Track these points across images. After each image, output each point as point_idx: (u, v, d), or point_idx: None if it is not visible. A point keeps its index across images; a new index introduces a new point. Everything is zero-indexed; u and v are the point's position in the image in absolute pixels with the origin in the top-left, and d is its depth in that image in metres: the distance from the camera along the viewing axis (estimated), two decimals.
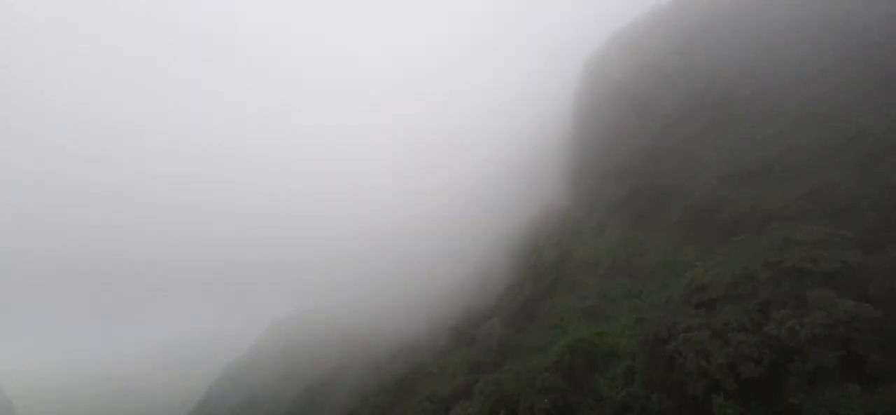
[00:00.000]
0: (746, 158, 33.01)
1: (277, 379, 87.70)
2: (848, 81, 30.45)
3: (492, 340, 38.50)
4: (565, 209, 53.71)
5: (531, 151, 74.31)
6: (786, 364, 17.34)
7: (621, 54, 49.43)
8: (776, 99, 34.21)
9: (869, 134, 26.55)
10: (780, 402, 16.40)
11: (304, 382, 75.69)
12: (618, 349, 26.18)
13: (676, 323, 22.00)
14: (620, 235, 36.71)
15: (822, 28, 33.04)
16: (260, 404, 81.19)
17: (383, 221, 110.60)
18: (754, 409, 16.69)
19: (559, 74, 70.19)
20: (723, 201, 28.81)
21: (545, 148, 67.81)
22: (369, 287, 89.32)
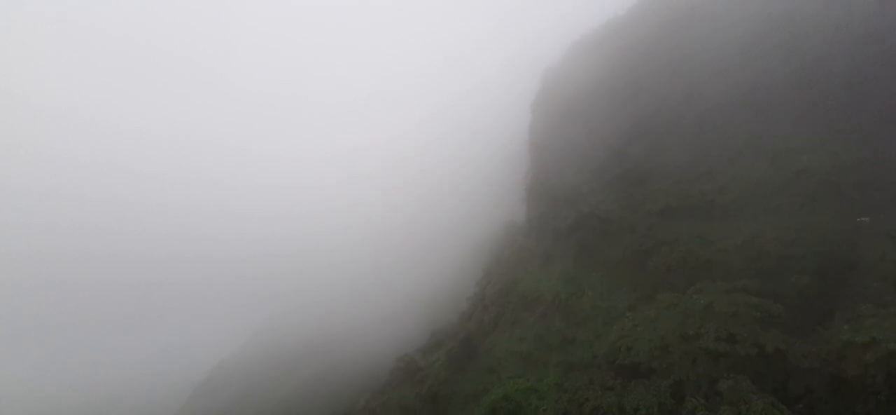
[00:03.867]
0: (690, 191, 30.79)
1: (258, 388, 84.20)
2: (795, 110, 28.33)
3: (428, 382, 35.85)
4: (522, 227, 51.41)
5: (498, 165, 71.97)
6: None
7: (575, 69, 47.08)
8: (724, 124, 32.01)
9: (811, 173, 24.39)
10: None
11: (278, 395, 72.27)
12: (540, 414, 23.62)
13: (586, 399, 19.58)
14: (563, 270, 34.35)
15: (772, 50, 30.80)
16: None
17: (363, 235, 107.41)
18: None
19: (522, 85, 67.79)
20: (659, 244, 26.48)
21: (509, 162, 65.47)
22: (346, 302, 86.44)
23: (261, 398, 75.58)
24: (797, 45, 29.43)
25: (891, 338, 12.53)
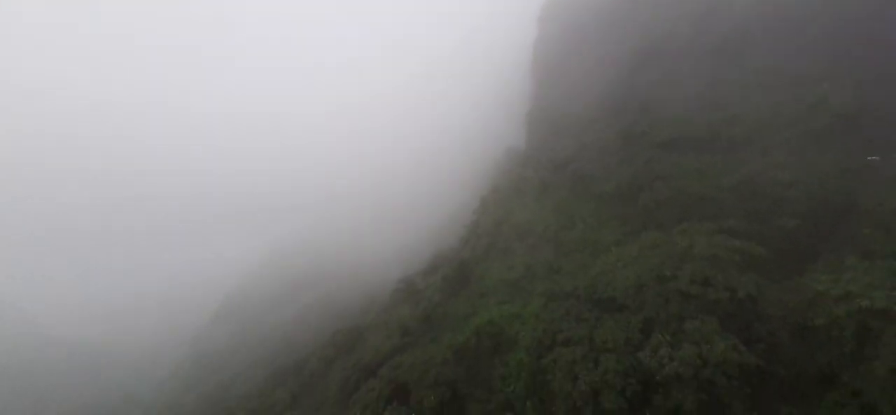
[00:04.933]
0: (697, 121, 28.98)
1: (268, 310, 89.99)
2: (821, 37, 25.19)
3: (424, 303, 37.76)
4: (521, 155, 50.17)
5: (502, 87, 68.43)
6: (649, 398, 15.75)
7: None
8: (741, 50, 29.00)
9: (830, 104, 22.35)
10: None
11: (289, 312, 76.78)
12: (519, 339, 24.89)
13: (560, 330, 20.34)
14: (557, 202, 33.98)
15: None
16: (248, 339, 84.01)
17: (373, 161, 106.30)
18: None
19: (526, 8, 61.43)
20: (654, 178, 25.51)
21: (514, 85, 62.10)
22: (359, 224, 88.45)
23: (280, 311, 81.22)
24: None
25: (865, 293, 12.20)
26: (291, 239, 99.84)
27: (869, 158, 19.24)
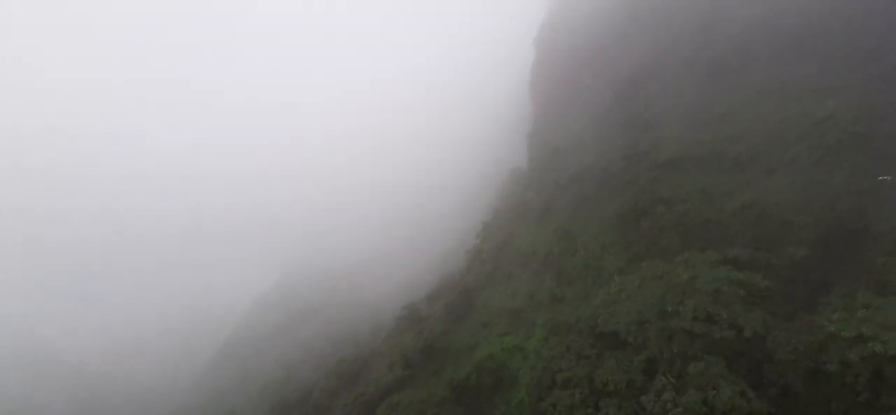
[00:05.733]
0: (700, 138, 28.15)
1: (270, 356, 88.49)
2: (827, 49, 24.35)
3: (426, 333, 36.96)
4: (524, 175, 49.54)
5: (503, 107, 68.48)
6: None
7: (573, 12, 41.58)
8: (744, 63, 28.24)
9: (837, 119, 21.36)
10: None
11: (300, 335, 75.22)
12: (519, 376, 23.92)
13: (560, 368, 19.40)
14: (559, 225, 33.21)
15: None
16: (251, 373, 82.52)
17: (380, 187, 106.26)
18: None
19: (529, 13, 61.57)
20: (657, 201, 24.62)
21: (513, 105, 62.03)
22: (367, 249, 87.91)
23: (286, 340, 79.83)
24: None
25: (879, 336, 11.16)
26: (299, 266, 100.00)
27: (880, 177, 18.14)
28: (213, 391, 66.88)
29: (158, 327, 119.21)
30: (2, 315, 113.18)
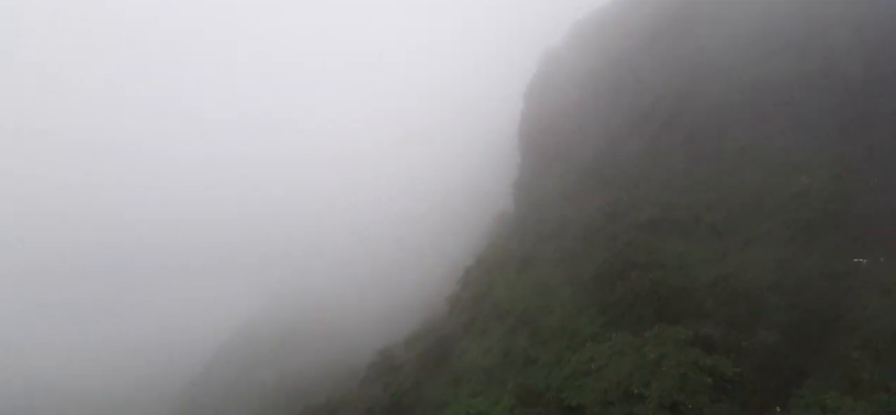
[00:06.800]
0: (678, 201, 28.05)
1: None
2: (800, 117, 24.80)
3: (394, 387, 35.20)
4: (510, 222, 49.14)
5: (492, 151, 69.09)
6: None
7: (572, 56, 42.95)
8: (722, 127, 28.66)
9: (810, 197, 21.28)
10: None
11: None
12: None
13: None
14: (536, 279, 32.53)
15: (782, 48, 26.81)
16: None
17: (357, 221, 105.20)
18: None
19: (521, 65, 63.45)
20: (632, 266, 23.96)
21: (503, 150, 62.58)
22: (347, 281, 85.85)
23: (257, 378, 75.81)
24: (810, 44, 25.47)
25: None
26: (281, 290, 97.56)
27: (855, 259, 17.77)
28: None
29: (140, 351, 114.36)
30: None
